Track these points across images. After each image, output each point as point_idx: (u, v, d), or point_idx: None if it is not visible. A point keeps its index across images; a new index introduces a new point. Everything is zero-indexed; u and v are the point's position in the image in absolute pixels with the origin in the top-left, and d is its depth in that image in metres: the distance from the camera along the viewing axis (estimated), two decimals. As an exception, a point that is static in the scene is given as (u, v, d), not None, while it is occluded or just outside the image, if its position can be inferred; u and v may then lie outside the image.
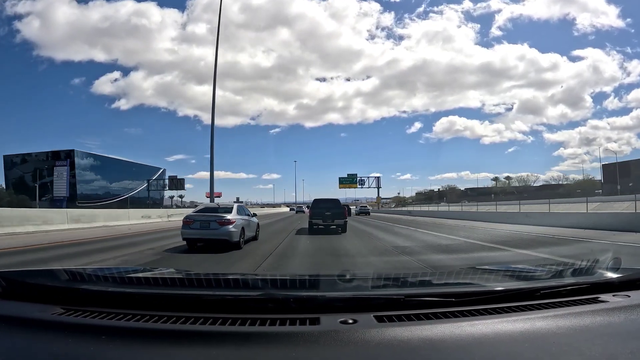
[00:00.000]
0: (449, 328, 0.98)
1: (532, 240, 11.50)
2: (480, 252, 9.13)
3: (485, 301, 1.17)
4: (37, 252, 8.55)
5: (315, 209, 15.20)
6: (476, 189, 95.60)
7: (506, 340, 0.95)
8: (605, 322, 1.05)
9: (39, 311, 1.11)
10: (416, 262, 7.37)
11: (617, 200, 34.09)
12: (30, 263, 6.98)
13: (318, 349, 0.90)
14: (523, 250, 9.04)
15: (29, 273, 1.68)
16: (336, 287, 1.40)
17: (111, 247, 9.71)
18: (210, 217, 9.17)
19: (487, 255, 8.71)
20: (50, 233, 13.16)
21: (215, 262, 7.42)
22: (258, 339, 0.95)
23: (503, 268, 2.29)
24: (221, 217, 9.13)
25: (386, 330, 0.97)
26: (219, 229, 8.93)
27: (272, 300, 1.13)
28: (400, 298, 1.16)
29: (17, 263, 6.91)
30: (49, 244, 9.98)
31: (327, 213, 14.63)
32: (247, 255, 8.37)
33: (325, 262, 7.66)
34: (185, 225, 9.16)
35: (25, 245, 9.61)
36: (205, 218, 9.17)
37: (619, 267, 1.50)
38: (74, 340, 0.96)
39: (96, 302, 1.16)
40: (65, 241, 10.83)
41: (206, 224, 9.03)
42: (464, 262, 7.33)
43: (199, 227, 9.03)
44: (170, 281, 1.47)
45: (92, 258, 7.69)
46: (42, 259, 7.62)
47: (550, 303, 1.17)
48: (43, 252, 8.59)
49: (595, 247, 9.39)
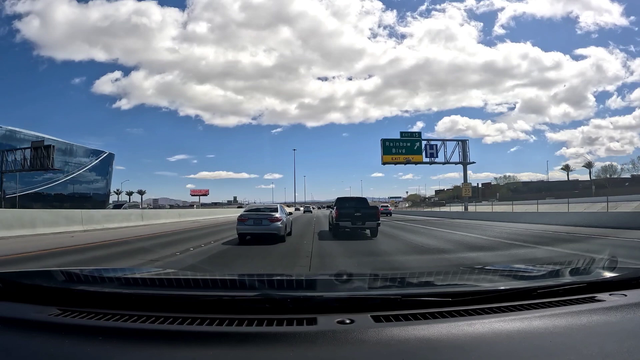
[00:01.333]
0: (446, 328, 0.98)
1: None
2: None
3: (483, 301, 1.17)
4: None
5: (343, 209, 12.81)
6: (529, 183, 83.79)
7: (503, 340, 0.95)
8: (602, 321, 1.05)
9: (35, 312, 1.11)
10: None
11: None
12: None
13: (315, 349, 0.90)
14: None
15: (25, 274, 1.67)
16: (333, 287, 1.40)
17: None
18: (261, 215, 10.91)
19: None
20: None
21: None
22: (255, 339, 0.95)
23: (500, 268, 2.30)
24: (271, 215, 10.88)
25: (383, 330, 0.97)
26: (270, 225, 10.65)
27: (269, 301, 1.13)
28: (397, 298, 1.16)
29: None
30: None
31: (356, 214, 12.38)
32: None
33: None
34: (240, 222, 10.92)
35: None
36: (258, 216, 10.93)
37: (616, 267, 1.51)
38: (71, 341, 0.95)
39: (93, 303, 1.15)
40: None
41: (259, 221, 10.75)
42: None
43: (252, 223, 10.76)
44: (167, 282, 1.47)
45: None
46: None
47: (547, 302, 1.17)
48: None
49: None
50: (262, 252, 8.74)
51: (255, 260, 7.74)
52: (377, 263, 7.59)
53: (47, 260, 7.24)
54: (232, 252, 8.89)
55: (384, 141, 39.38)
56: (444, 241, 11.30)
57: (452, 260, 7.70)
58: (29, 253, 7.97)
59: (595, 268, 1.53)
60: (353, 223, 12.34)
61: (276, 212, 11.23)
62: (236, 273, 2.96)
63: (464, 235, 13.46)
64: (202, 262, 7.33)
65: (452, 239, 12.23)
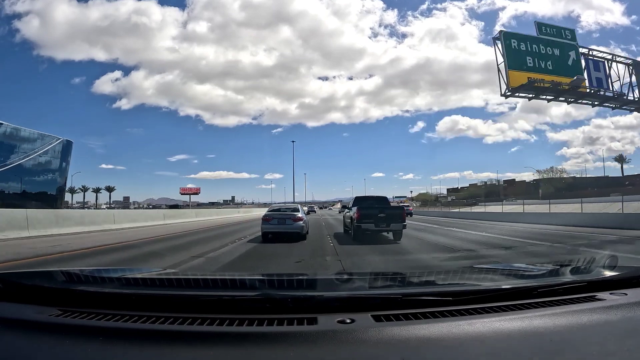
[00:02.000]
0: (446, 327, 0.98)
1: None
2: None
3: (483, 300, 1.17)
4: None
5: (365, 210, 11.46)
6: (553, 180, 71.77)
7: (504, 339, 0.95)
8: (602, 320, 1.05)
9: (35, 313, 1.11)
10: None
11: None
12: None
13: (316, 348, 0.90)
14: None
15: (26, 274, 1.67)
16: (333, 286, 1.40)
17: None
18: (285, 215, 11.60)
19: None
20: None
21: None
22: (256, 339, 0.95)
23: (500, 267, 2.30)
24: (294, 215, 11.57)
25: (384, 329, 0.97)
26: (293, 224, 11.31)
27: (269, 301, 1.13)
28: (397, 297, 1.16)
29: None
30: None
31: (380, 215, 11.03)
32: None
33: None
34: (265, 222, 11.54)
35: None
36: (281, 216, 11.59)
37: (616, 265, 1.51)
38: (71, 341, 0.95)
39: (93, 304, 1.15)
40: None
41: (282, 220, 11.42)
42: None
43: (276, 223, 11.42)
44: (167, 282, 1.47)
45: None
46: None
47: (547, 301, 1.17)
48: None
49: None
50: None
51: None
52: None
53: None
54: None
55: (506, 38, 19.65)
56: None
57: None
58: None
59: (595, 267, 1.53)
60: (376, 225, 10.99)
61: (298, 212, 11.95)
62: (237, 273, 2.96)
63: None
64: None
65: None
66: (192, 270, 6.49)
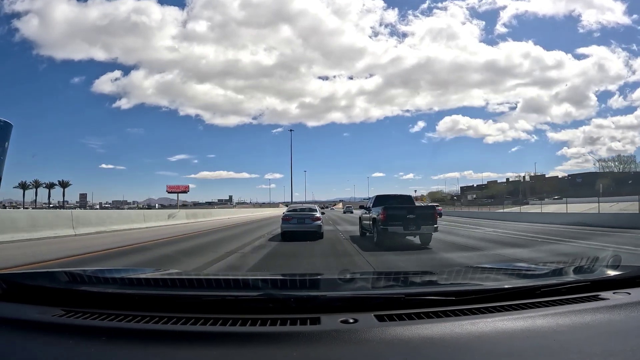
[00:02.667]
0: (449, 327, 0.98)
1: None
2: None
3: (486, 300, 1.17)
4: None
5: (392, 210, 9.90)
6: (596, 174, 60.53)
7: (507, 339, 0.95)
8: (605, 319, 1.05)
9: (39, 313, 1.11)
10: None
11: None
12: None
13: (319, 348, 0.90)
14: None
15: (29, 275, 1.68)
16: (336, 286, 1.39)
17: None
18: (304, 215, 12.29)
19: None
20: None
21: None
22: (259, 339, 0.95)
23: (503, 267, 2.29)
24: (313, 215, 12.25)
25: (387, 329, 0.97)
26: (311, 223, 11.99)
27: (272, 301, 1.13)
28: (400, 297, 1.16)
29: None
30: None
31: (410, 216, 9.67)
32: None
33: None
34: (285, 221, 12.25)
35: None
36: (300, 216, 12.29)
37: (619, 265, 1.50)
38: (75, 341, 0.96)
39: (96, 304, 1.16)
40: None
41: (302, 220, 12.10)
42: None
43: (296, 222, 12.11)
44: (170, 282, 1.47)
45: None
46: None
47: (550, 301, 1.17)
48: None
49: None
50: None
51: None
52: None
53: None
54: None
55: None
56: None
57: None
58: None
59: (598, 266, 1.53)
60: (405, 228, 9.55)
61: (316, 212, 12.70)
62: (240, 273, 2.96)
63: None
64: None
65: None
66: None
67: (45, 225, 10.84)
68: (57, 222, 11.37)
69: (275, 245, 10.12)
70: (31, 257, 7.16)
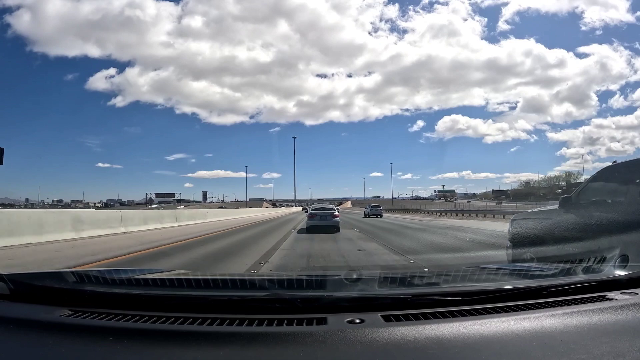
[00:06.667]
0: (456, 327, 0.98)
1: None
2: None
3: (493, 300, 1.16)
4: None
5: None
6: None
7: (514, 339, 0.94)
8: (613, 319, 1.04)
9: (46, 313, 1.12)
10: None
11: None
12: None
13: (325, 348, 0.90)
14: None
15: (36, 275, 1.69)
16: (343, 287, 1.39)
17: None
18: (326, 213, 15.35)
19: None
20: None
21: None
22: (265, 339, 0.95)
23: (510, 267, 2.28)
24: (333, 212, 15.33)
25: (393, 329, 0.97)
26: (332, 220, 14.91)
27: (278, 301, 1.14)
28: (407, 297, 1.16)
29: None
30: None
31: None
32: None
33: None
34: (310, 218, 15.16)
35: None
36: (323, 213, 15.34)
37: (627, 264, 1.49)
38: (82, 341, 0.96)
39: (103, 304, 1.17)
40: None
41: (324, 217, 15.06)
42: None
43: (319, 219, 14.97)
44: (177, 282, 1.47)
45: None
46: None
47: (557, 301, 1.16)
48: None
49: None
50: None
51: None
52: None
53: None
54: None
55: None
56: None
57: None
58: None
59: (606, 266, 1.52)
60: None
61: (335, 210, 15.68)
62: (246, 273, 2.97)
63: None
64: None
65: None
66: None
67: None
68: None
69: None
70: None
